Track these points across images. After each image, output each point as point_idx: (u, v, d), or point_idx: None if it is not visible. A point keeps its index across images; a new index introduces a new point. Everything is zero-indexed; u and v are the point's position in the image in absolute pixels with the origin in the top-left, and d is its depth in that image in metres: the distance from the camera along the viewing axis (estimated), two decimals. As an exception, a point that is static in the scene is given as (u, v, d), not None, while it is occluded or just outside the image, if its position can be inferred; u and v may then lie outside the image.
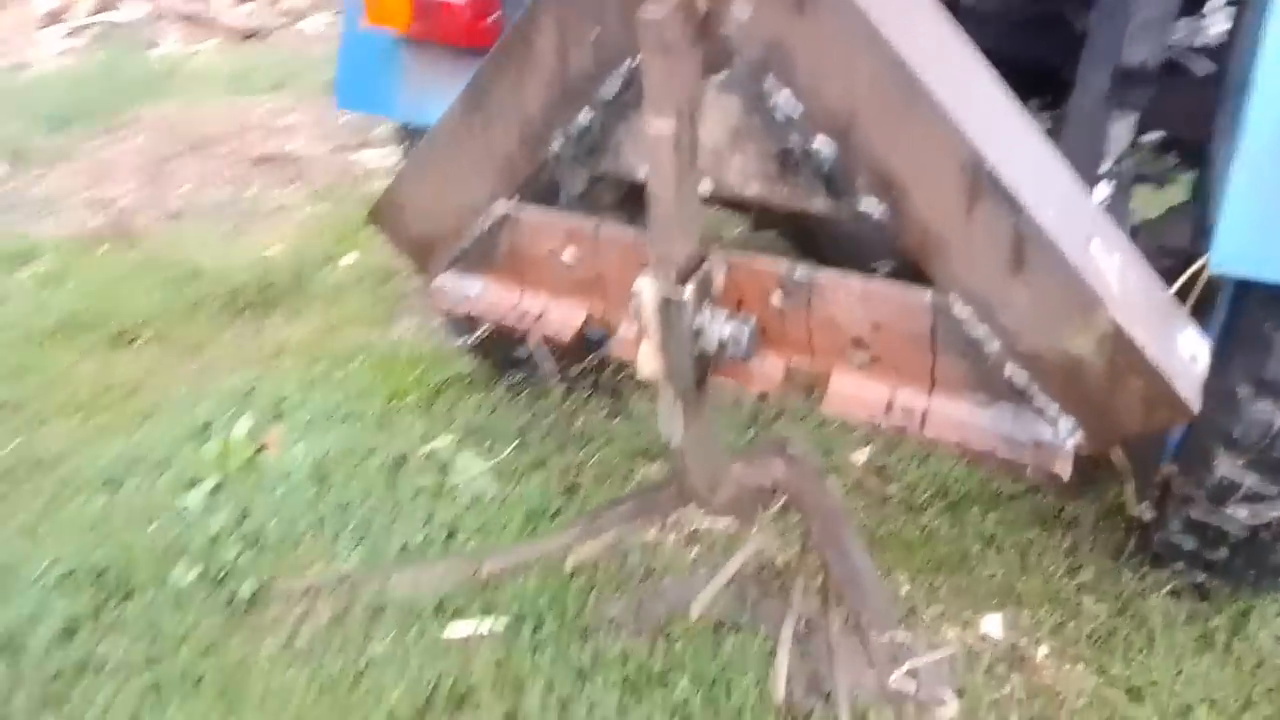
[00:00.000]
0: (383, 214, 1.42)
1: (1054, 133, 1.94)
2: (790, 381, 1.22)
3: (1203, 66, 2.09)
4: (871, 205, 1.04)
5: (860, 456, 2.29)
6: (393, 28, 1.85)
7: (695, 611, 1.30)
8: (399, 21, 1.82)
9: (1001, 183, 0.96)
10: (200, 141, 4.15)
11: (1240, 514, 1.58)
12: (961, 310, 1.06)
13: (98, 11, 5.74)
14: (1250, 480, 1.54)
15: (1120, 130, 1.56)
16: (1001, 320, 1.05)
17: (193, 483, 2.08)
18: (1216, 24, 2.15)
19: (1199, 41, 2.30)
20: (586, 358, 2.41)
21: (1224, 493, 1.58)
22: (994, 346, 1.07)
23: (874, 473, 2.24)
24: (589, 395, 2.45)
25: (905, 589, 1.94)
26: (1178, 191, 2.16)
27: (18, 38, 5.27)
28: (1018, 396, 1.09)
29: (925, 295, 1.08)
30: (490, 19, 1.79)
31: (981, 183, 0.97)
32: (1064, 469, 1.07)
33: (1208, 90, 1.70)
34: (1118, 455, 2.04)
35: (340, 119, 4.47)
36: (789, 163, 1.08)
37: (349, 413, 2.36)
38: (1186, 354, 1.03)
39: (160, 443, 2.17)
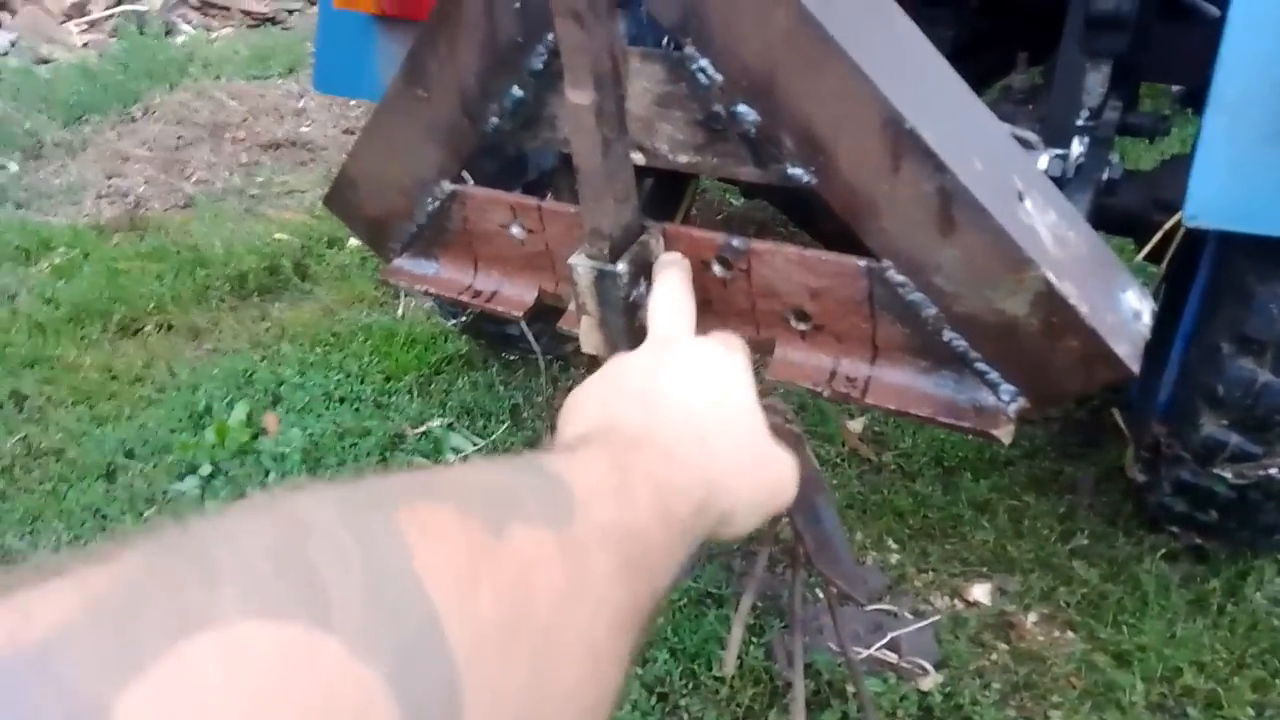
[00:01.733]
0: (337, 198, 1.42)
1: (1048, 85, 1.89)
2: (735, 352, 1.20)
3: (1211, 10, 2.01)
4: (799, 171, 1.02)
5: (856, 425, 2.26)
6: (362, 8, 1.84)
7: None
8: (365, 2, 1.82)
9: (923, 140, 0.93)
10: (214, 127, 4.20)
11: (1227, 474, 1.54)
12: (896, 275, 1.03)
13: (118, 2, 5.82)
14: (1235, 439, 1.49)
15: (1094, 81, 1.51)
16: (936, 283, 1.02)
17: (190, 468, 2.12)
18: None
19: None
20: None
21: (1210, 453, 1.53)
22: (930, 311, 1.04)
23: (869, 440, 2.21)
24: (582, 370, 2.45)
25: (896, 556, 1.92)
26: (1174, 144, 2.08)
27: (40, 32, 5.37)
28: (958, 362, 1.06)
29: (859, 260, 1.05)
30: (456, -7, 1.78)
31: (904, 141, 0.94)
32: (1006, 434, 1.03)
33: (1214, 36, 1.64)
34: (1117, 416, 2.00)
35: (350, 102, 4.51)
36: (715, 130, 1.05)
37: (345, 394, 2.38)
38: (1128, 312, 0.99)
39: (160, 429, 2.22)
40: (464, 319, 2.34)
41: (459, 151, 1.27)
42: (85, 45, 5.27)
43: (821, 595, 1.77)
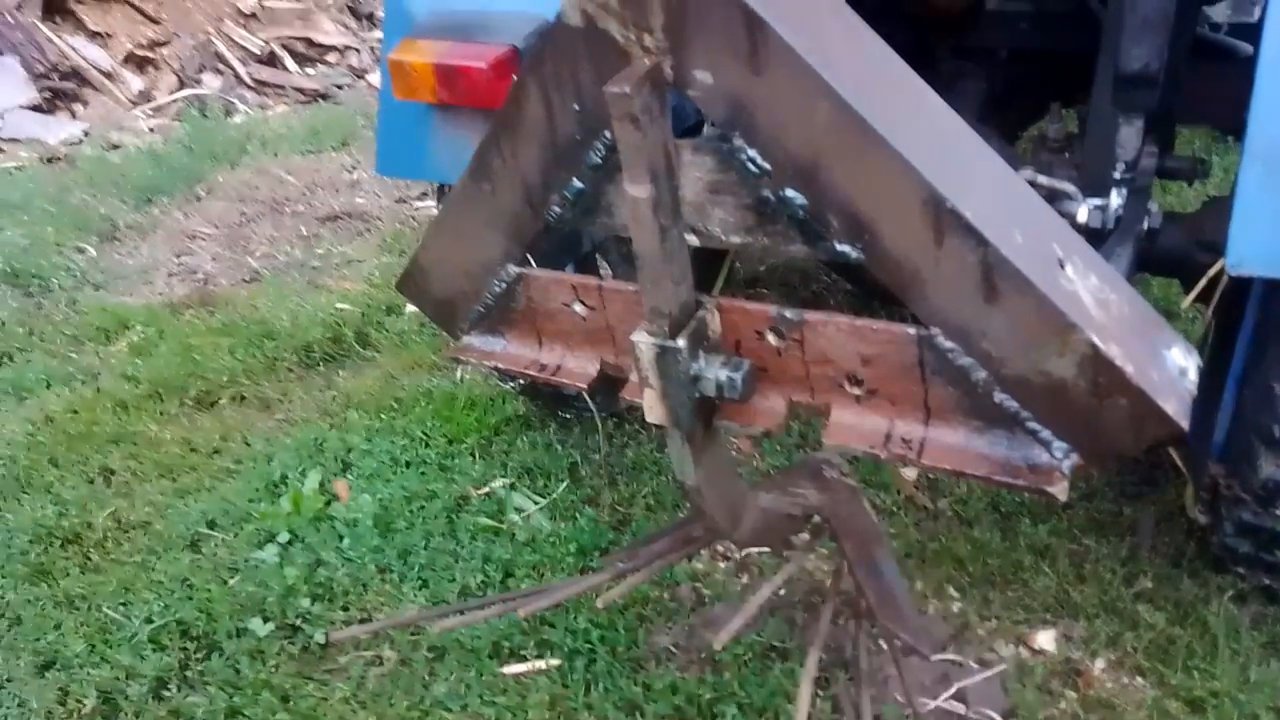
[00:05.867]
0: (408, 282, 1.51)
1: (1082, 134, 1.92)
2: (794, 417, 1.25)
3: (1245, 49, 2.04)
4: (847, 248, 1.08)
5: (910, 472, 2.28)
6: (421, 99, 1.96)
7: (718, 644, 1.34)
8: (426, 93, 1.93)
9: (964, 217, 0.98)
10: (274, 203, 4.40)
11: (1290, 516, 1.54)
12: (944, 341, 1.08)
13: (181, 87, 6.13)
14: (1295, 480, 1.50)
15: (1128, 135, 1.55)
16: (984, 348, 1.07)
17: (269, 537, 2.21)
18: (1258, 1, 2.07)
19: (1240, 20, 2.23)
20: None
21: (1271, 494, 1.54)
22: (980, 374, 1.08)
23: (924, 487, 2.23)
24: (636, 427, 2.51)
25: (957, 604, 1.93)
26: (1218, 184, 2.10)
27: (111, 120, 5.67)
28: (1010, 421, 1.10)
29: (908, 329, 1.11)
30: (511, 80, 1.88)
31: (945, 218, 0.99)
32: (1061, 490, 1.07)
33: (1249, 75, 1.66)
34: (1174, 454, 2.00)
35: (404, 171, 4.68)
36: (765, 212, 1.12)
37: (411, 459, 2.47)
38: (1174, 369, 1.03)
39: (239, 499, 2.32)
40: (522, 382, 2.42)
41: (523, 238, 1.35)
42: (152, 130, 5.55)
43: (886, 647, 1.78)
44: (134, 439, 2.58)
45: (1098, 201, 1.58)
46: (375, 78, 6.86)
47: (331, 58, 7.04)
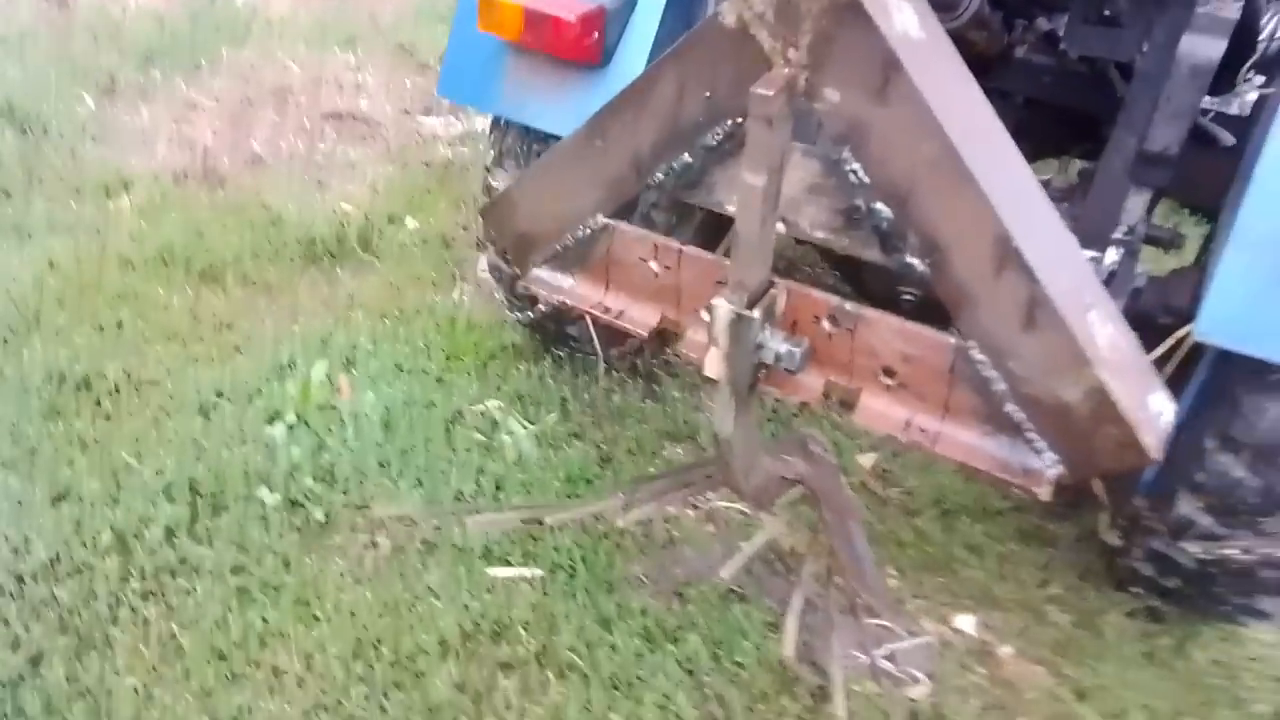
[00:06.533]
0: (493, 212, 1.66)
1: (1083, 187, 2.15)
2: (827, 394, 1.46)
3: (1227, 138, 2.28)
4: (916, 261, 1.28)
5: (867, 461, 2.53)
6: (503, 35, 2.07)
7: (725, 574, 1.55)
8: (510, 31, 2.05)
9: (1024, 257, 1.20)
10: (277, 91, 4.38)
11: (1194, 549, 1.83)
12: (978, 355, 1.30)
13: (182, -51, 5.94)
14: (1206, 521, 1.78)
15: (1135, 204, 1.79)
16: (1010, 367, 1.29)
17: (276, 415, 2.33)
18: (1247, 95, 2.32)
19: (1229, 111, 2.50)
20: (627, 342, 2.65)
21: (1182, 529, 1.82)
22: (1000, 387, 1.31)
23: (878, 476, 2.48)
24: (625, 376, 2.70)
25: (894, 582, 2.19)
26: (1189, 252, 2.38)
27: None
28: (1014, 430, 1.33)
29: (950, 338, 1.32)
30: (593, 37, 2.02)
31: (1008, 255, 1.21)
32: (1045, 493, 1.31)
33: (1229, 162, 1.80)
34: (1098, 486, 2.28)
35: (406, 82, 4.71)
36: (853, 218, 1.32)
37: (412, 368, 2.61)
38: (1155, 410, 1.26)
39: (249, 376, 2.43)
40: (530, 315, 2.57)
41: (619, 196, 1.53)
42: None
43: (831, 606, 2.02)
44: (141, 299, 2.64)
45: (1094, 254, 1.82)
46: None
47: (339, -51, 6.88)
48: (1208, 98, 2.52)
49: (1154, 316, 1.99)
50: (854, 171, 1.27)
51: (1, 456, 2.09)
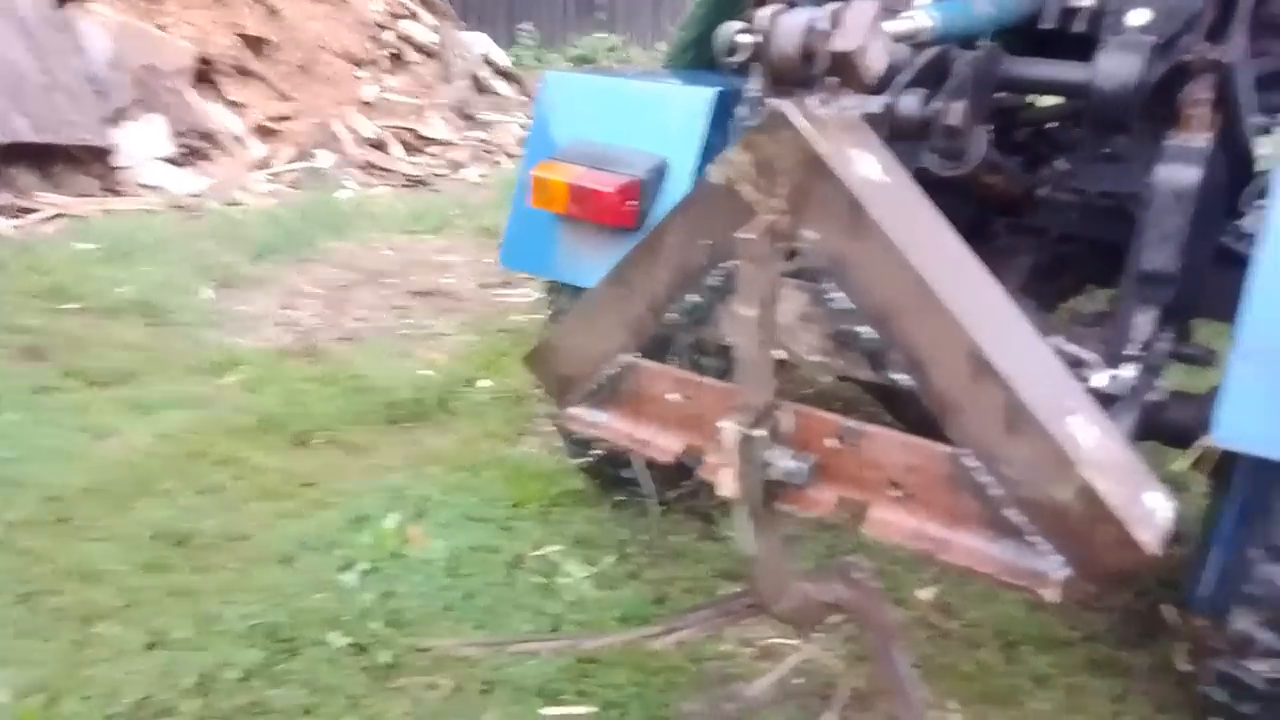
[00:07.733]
0: (537, 358, 1.84)
1: (1112, 312, 2.21)
2: (840, 508, 1.53)
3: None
4: (904, 378, 1.39)
5: (927, 594, 2.51)
6: (553, 209, 2.34)
7: (755, 693, 1.57)
8: (559, 205, 2.31)
9: (995, 368, 1.29)
10: (374, 274, 4.84)
11: (1260, 668, 1.76)
12: (971, 462, 1.37)
13: (297, 159, 6.72)
14: (1265, 636, 1.72)
15: (1143, 321, 1.85)
16: (1002, 471, 1.35)
17: (350, 563, 2.49)
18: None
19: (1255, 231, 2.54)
20: (682, 483, 2.75)
21: (1243, 646, 1.76)
22: (998, 492, 1.37)
23: (939, 609, 2.46)
24: (682, 517, 2.78)
25: (956, 716, 2.14)
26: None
27: (231, 180, 6.23)
28: (1017, 533, 1.37)
29: (946, 449, 1.40)
30: (629, 205, 2.26)
31: (981, 367, 1.30)
32: (1053, 595, 1.34)
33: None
34: (1169, 610, 2.22)
35: (487, 260, 5.12)
36: (843, 342, 1.44)
37: (480, 516, 2.75)
38: (1150, 507, 1.30)
39: (328, 528, 2.61)
40: (588, 459, 2.72)
41: (641, 336, 1.69)
42: (268, 194, 6.10)
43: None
44: (240, 462, 2.90)
45: (1113, 372, 1.88)
46: (469, 171, 7.45)
47: (434, 150, 7.65)
48: (1248, 220, 2.59)
49: (1194, 432, 2.01)
50: (832, 300, 1.40)
51: (105, 607, 2.29)
